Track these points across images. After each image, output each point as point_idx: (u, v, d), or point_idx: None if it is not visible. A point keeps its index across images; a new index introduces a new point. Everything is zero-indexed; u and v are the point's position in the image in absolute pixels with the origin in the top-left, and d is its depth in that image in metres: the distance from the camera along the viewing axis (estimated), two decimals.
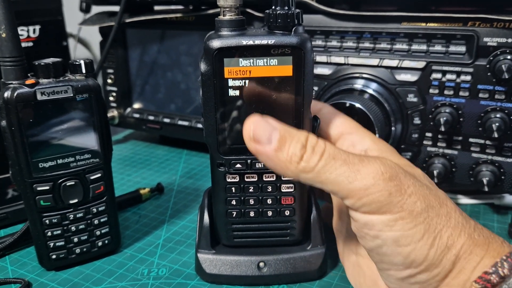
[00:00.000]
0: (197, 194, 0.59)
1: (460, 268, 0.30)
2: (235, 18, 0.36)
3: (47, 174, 0.41)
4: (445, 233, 0.30)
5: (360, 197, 0.30)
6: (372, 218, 0.31)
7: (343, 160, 0.31)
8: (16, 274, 0.44)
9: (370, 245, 0.32)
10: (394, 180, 0.30)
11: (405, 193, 0.30)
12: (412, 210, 0.30)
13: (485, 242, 0.30)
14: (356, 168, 0.31)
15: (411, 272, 0.31)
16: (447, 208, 0.31)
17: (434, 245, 0.30)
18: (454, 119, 0.49)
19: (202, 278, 0.42)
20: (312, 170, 0.31)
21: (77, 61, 0.41)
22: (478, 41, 0.47)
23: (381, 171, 0.30)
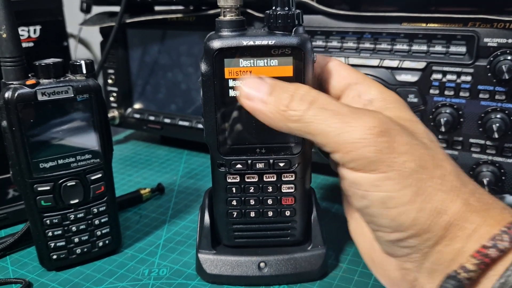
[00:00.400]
0: (198, 194, 0.59)
1: (453, 235, 0.28)
2: (235, 19, 0.36)
3: (47, 174, 0.41)
4: (436, 196, 0.28)
5: (347, 151, 0.29)
6: (359, 176, 0.29)
7: (334, 111, 0.30)
8: (17, 274, 0.44)
9: (358, 205, 0.31)
10: (385, 136, 0.29)
11: (396, 151, 0.28)
12: (401, 170, 0.28)
13: (483, 208, 0.28)
14: (346, 120, 0.29)
15: (399, 236, 0.29)
16: (442, 170, 0.29)
17: (423, 209, 0.28)
18: (455, 119, 0.49)
19: (203, 278, 0.42)
20: (300, 119, 0.30)
21: (77, 62, 0.41)
22: (478, 42, 0.47)
23: (371, 125, 0.29)
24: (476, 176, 0.50)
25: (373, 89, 0.35)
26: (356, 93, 0.36)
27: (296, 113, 0.30)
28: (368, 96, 0.35)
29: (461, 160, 0.50)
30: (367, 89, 0.35)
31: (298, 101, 0.31)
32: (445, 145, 0.51)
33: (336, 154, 0.30)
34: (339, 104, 0.31)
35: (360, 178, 0.29)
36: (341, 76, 0.37)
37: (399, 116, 0.32)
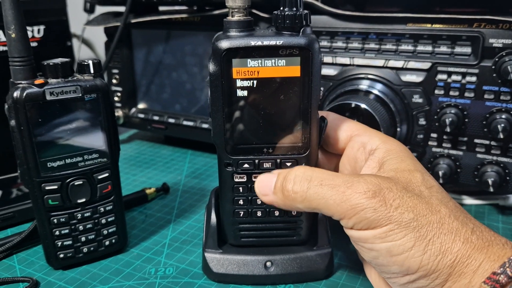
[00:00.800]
0: (203, 194, 0.59)
1: (460, 272, 0.30)
2: (243, 19, 0.36)
3: (55, 173, 0.41)
4: (438, 239, 0.31)
5: (349, 217, 0.32)
6: (365, 233, 0.33)
7: (329, 185, 0.33)
8: (24, 273, 0.44)
9: (367, 257, 0.34)
10: (378, 196, 0.32)
11: (391, 206, 0.32)
12: (400, 220, 0.31)
13: (485, 245, 0.30)
14: (341, 191, 0.33)
15: (409, 279, 0.32)
16: (439, 214, 0.32)
17: (426, 251, 0.30)
18: (460, 120, 0.49)
19: (209, 277, 0.42)
20: (304, 199, 0.34)
21: (85, 61, 0.42)
22: (483, 42, 0.47)
23: (364, 190, 0.32)
24: (481, 176, 0.50)
25: (375, 139, 0.39)
26: (360, 144, 0.39)
27: (299, 195, 0.34)
28: (372, 146, 0.38)
29: (466, 160, 0.51)
30: (370, 140, 0.39)
31: (298, 183, 0.35)
32: (450, 145, 0.51)
33: (342, 221, 0.34)
34: (333, 176, 0.34)
35: (366, 235, 0.33)
36: (342, 129, 0.41)
37: (398, 167, 0.35)
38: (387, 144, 0.38)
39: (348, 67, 0.54)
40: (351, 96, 0.52)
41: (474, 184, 0.51)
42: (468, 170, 0.51)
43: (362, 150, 0.39)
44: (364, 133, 0.40)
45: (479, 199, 0.56)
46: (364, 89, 0.52)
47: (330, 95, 0.55)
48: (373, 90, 0.52)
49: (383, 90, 0.52)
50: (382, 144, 0.38)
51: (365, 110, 0.49)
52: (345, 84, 0.54)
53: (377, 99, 0.51)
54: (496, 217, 0.52)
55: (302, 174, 0.35)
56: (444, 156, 0.52)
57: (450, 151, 0.51)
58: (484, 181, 0.49)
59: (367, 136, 0.39)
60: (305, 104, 0.37)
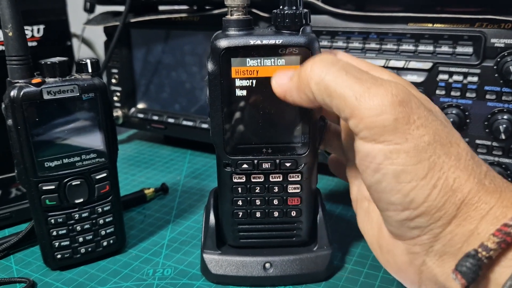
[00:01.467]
0: (202, 194, 0.59)
1: (466, 216, 0.27)
2: (242, 18, 0.36)
3: (52, 173, 0.41)
4: (452, 174, 0.27)
5: (363, 117, 0.28)
6: (373, 148, 0.29)
7: (355, 76, 0.29)
8: (21, 274, 0.43)
9: (370, 180, 0.30)
10: (404, 106, 0.28)
11: (414, 123, 0.28)
12: (417, 143, 0.27)
13: (497, 190, 0.27)
14: (366, 86, 0.29)
15: (409, 214, 0.28)
16: (458, 148, 0.28)
17: (437, 186, 0.27)
18: (461, 120, 0.49)
19: (208, 278, 0.42)
20: (321, 81, 0.30)
21: (83, 61, 0.41)
22: (485, 42, 0.47)
23: (391, 93, 0.28)
24: None
25: (385, 74, 0.35)
26: None
27: (317, 75, 0.30)
28: None
29: None
30: (380, 74, 0.34)
31: (319, 62, 0.31)
32: None
33: (351, 120, 0.29)
34: (361, 70, 0.30)
35: (374, 150, 0.29)
36: None
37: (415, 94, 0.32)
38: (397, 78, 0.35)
39: None
40: None
41: None
42: None
43: None
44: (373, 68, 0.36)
45: None
46: None
47: None
48: None
49: None
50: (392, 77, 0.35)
51: None
52: None
53: None
54: None
55: (327, 58, 0.31)
56: None
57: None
58: None
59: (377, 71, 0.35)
60: None
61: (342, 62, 0.31)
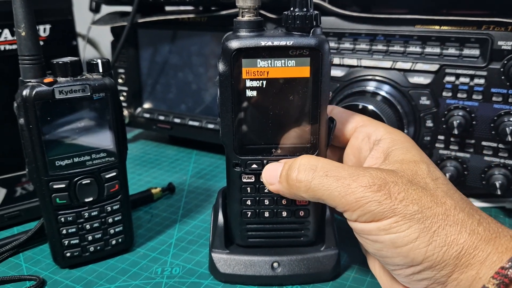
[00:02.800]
0: (208, 194, 0.59)
1: (467, 263, 0.30)
2: (253, 19, 0.36)
3: (63, 172, 0.41)
4: (443, 230, 0.31)
5: (354, 209, 0.33)
6: (369, 225, 0.33)
7: (334, 176, 0.34)
8: (30, 272, 0.44)
9: (371, 249, 0.34)
10: (383, 189, 0.32)
11: (396, 199, 0.32)
12: (405, 213, 0.31)
13: (492, 237, 0.30)
14: (346, 183, 0.33)
15: (414, 270, 0.32)
16: (444, 206, 0.32)
17: (431, 243, 0.30)
18: (467, 122, 0.49)
19: (216, 277, 0.42)
20: (309, 189, 0.34)
21: (94, 60, 0.42)
22: (492, 45, 0.47)
23: (369, 184, 0.32)
24: (488, 179, 0.50)
25: (381, 130, 0.39)
26: (365, 135, 0.40)
27: (303, 184, 0.35)
28: (376, 137, 0.39)
29: (473, 163, 0.51)
30: (375, 130, 0.39)
31: (302, 172, 0.35)
32: (457, 148, 0.51)
33: (346, 213, 0.34)
34: (338, 168, 0.34)
35: (369, 227, 0.33)
36: (347, 121, 0.41)
37: (403, 158, 0.35)
38: (392, 135, 0.38)
39: (356, 68, 0.54)
40: (359, 97, 0.52)
41: (481, 186, 0.51)
42: (475, 173, 0.51)
43: (366, 140, 0.39)
44: (369, 124, 0.40)
45: (486, 202, 0.55)
46: (371, 90, 0.52)
47: (337, 96, 0.54)
48: (380, 92, 0.52)
49: (390, 92, 0.52)
50: (387, 135, 0.38)
51: (373, 111, 0.49)
52: (353, 85, 0.54)
53: (384, 100, 0.51)
54: (503, 220, 0.52)
55: (307, 163, 0.35)
56: (451, 158, 0.52)
57: (457, 154, 0.51)
58: (491, 183, 0.49)
59: (372, 127, 0.39)
60: (314, 104, 0.37)
61: (321, 164, 0.35)
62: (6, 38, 0.62)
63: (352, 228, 0.35)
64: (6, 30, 0.61)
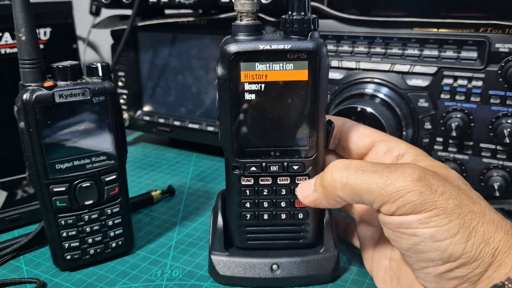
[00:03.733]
0: (208, 196, 0.60)
1: (501, 262, 0.30)
2: (252, 23, 0.37)
3: (63, 175, 0.41)
4: (481, 227, 0.31)
5: (393, 200, 0.32)
6: (408, 218, 0.32)
7: (372, 170, 0.33)
8: (31, 274, 0.44)
9: (406, 244, 0.33)
10: (423, 180, 0.32)
11: (436, 192, 0.32)
12: (445, 206, 0.31)
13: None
14: (385, 175, 0.33)
15: (449, 267, 0.31)
16: (480, 206, 0.32)
17: (470, 239, 0.31)
18: (465, 124, 0.49)
19: (216, 280, 0.42)
20: (345, 185, 0.34)
21: (94, 64, 0.42)
22: (489, 47, 0.47)
23: (408, 173, 0.32)
24: (487, 181, 0.50)
25: (402, 145, 0.39)
26: (386, 149, 0.40)
27: (339, 181, 0.34)
28: (399, 151, 0.39)
29: (471, 164, 0.51)
30: (397, 145, 0.39)
31: (336, 171, 0.35)
32: (456, 150, 0.51)
33: (384, 206, 0.33)
34: (373, 163, 0.34)
35: (409, 219, 0.32)
36: (363, 135, 0.41)
37: (431, 164, 0.36)
38: (415, 149, 0.39)
39: (354, 71, 0.54)
40: (357, 100, 0.52)
41: (480, 188, 0.51)
42: (474, 175, 0.51)
43: (388, 155, 0.39)
44: (389, 139, 0.40)
45: None
46: (370, 93, 0.52)
47: (336, 99, 0.55)
48: (379, 94, 0.52)
49: (389, 94, 0.52)
50: (410, 149, 0.39)
51: (371, 114, 0.49)
52: (351, 88, 0.54)
53: (383, 103, 0.52)
54: None
55: (339, 163, 0.35)
56: (450, 160, 0.52)
57: (455, 156, 0.51)
58: (490, 185, 0.49)
59: (393, 142, 0.40)
60: (313, 107, 0.37)
61: (354, 162, 0.35)
62: (6, 42, 0.62)
63: (387, 224, 0.34)
64: (7, 33, 0.62)
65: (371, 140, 0.40)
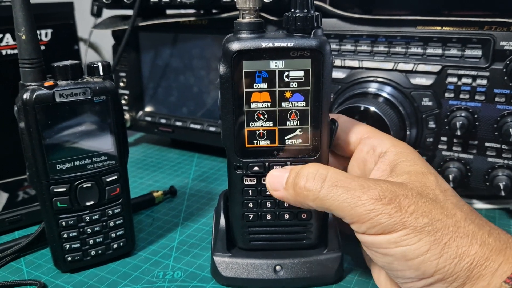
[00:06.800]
0: (210, 197, 0.59)
1: (478, 275, 0.30)
2: (254, 21, 0.36)
3: (64, 175, 0.41)
4: (453, 242, 0.31)
5: (363, 221, 0.32)
6: (379, 238, 0.32)
7: (345, 187, 0.33)
8: (31, 276, 0.44)
9: (381, 262, 0.34)
10: (393, 202, 0.32)
11: (406, 212, 0.31)
12: (415, 225, 0.31)
13: (503, 247, 0.30)
14: (357, 195, 0.32)
15: (425, 283, 0.31)
16: (454, 218, 0.32)
17: (442, 255, 0.30)
18: (470, 123, 0.49)
19: (218, 281, 0.42)
20: (316, 198, 0.34)
21: (94, 63, 0.42)
22: (494, 45, 0.47)
23: (379, 196, 0.32)
24: (492, 180, 0.49)
25: (385, 142, 0.38)
26: (370, 147, 0.39)
27: (312, 193, 0.34)
28: (382, 149, 0.38)
29: (476, 164, 0.50)
30: (380, 143, 0.39)
31: (311, 181, 0.34)
32: (460, 149, 0.51)
33: (353, 225, 0.33)
34: (348, 179, 0.34)
35: (380, 240, 0.32)
36: (352, 132, 0.41)
37: (411, 170, 0.35)
38: (397, 147, 0.38)
39: (357, 70, 0.54)
40: (360, 99, 0.51)
41: (485, 188, 0.50)
42: (479, 174, 0.50)
43: (371, 152, 0.39)
44: (374, 135, 0.40)
45: (490, 203, 0.55)
46: (373, 92, 0.52)
47: (339, 98, 0.54)
48: (382, 93, 0.52)
49: (392, 93, 0.51)
50: (393, 147, 0.38)
51: (375, 113, 0.49)
52: (354, 87, 0.54)
53: (386, 102, 0.51)
54: (507, 221, 0.52)
55: (316, 171, 0.35)
56: (454, 160, 0.51)
57: (460, 155, 0.51)
58: (495, 185, 0.49)
59: (377, 139, 0.39)
60: (316, 106, 0.37)
61: (330, 173, 0.34)
62: (7, 43, 0.62)
63: (361, 241, 0.34)
64: (8, 34, 0.62)
65: (359, 136, 0.40)
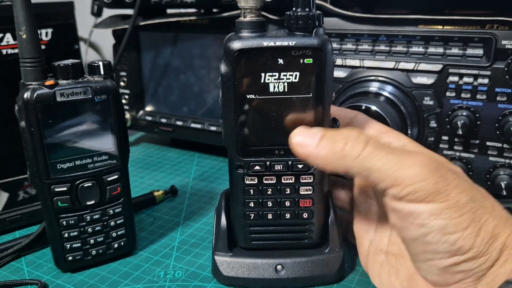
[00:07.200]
0: (211, 196, 0.59)
1: (507, 257, 0.30)
2: (255, 20, 0.36)
3: (65, 175, 0.41)
4: (491, 222, 0.31)
5: (406, 185, 0.31)
6: (418, 207, 0.32)
7: (389, 150, 0.33)
8: (32, 276, 0.43)
9: (414, 234, 0.32)
10: (439, 171, 0.32)
11: (450, 184, 0.31)
12: (458, 200, 0.31)
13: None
14: (402, 158, 0.32)
15: (456, 260, 0.31)
16: (490, 200, 0.32)
17: (480, 234, 0.31)
18: (471, 122, 0.48)
19: (219, 280, 0.42)
20: (358, 157, 0.33)
21: (95, 63, 0.41)
22: (496, 44, 0.47)
23: (426, 162, 0.32)
24: (493, 179, 0.49)
25: (403, 138, 0.39)
26: (387, 141, 0.38)
27: (354, 152, 0.33)
28: (400, 143, 0.38)
29: (478, 163, 0.50)
30: (397, 138, 0.38)
31: (353, 142, 0.33)
32: (461, 148, 0.50)
33: (393, 189, 0.32)
34: (391, 146, 0.34)
35: (419, 209, 0.32)
36: (369, 127, 0.40)
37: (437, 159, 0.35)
38: (415, 143, 0.38)
39: (358, 69, 0.54)
40: (361, 98, 0.51)
41: (486, 187, 0.50)
42: (480, 173, 0.50)
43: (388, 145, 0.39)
44: (391, 132, 0.39)
45: None
46: (374, 91, 0.52)
47: (340, 97, 0.54)
48: (383, 92, 0.51)
49: (393, 92, 0.51)
50: (411, 143, 0.38)
51: (376, 112, 0.49)
52: (355, 86, 0.54)
53: (387, 101, 0.51)
54: None
55: (357, 134, 0.33)
56: (456, 159, 0.51)
57: (461, 154, 0.51)
58: (496, 184, 0.48)
59: (394, 135, 0.39)
60: (318, 105, 0.37)
61: (373, 139, 0.34)
62: (8, 42, 0.62)
63: (396, 210, 0.33)
64: (8, 34, 0.62)
65: (374, 132, 0.40)
